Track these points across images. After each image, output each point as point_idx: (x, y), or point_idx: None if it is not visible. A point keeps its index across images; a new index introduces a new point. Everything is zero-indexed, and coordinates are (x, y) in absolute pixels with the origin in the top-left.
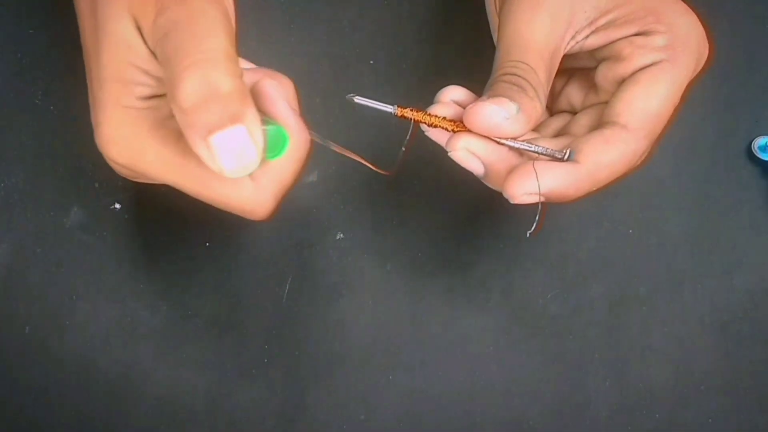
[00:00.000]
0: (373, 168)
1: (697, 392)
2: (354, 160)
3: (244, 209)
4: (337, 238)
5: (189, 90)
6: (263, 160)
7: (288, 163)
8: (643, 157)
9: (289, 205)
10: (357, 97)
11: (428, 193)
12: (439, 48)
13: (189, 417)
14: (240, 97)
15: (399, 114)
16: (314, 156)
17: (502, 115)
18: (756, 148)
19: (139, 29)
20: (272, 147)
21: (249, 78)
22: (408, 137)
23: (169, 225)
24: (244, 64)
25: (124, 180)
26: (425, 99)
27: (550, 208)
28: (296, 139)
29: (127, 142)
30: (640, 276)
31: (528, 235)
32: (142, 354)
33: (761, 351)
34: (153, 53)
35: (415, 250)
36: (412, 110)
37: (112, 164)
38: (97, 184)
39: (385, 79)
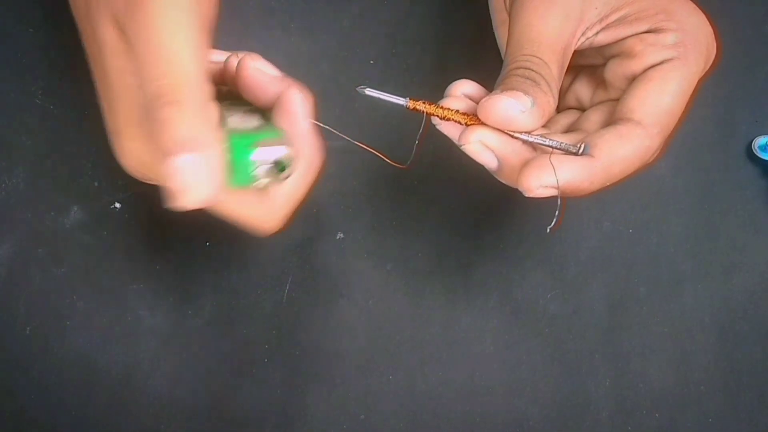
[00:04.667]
0: (390, 162)
1: (697, 392)
2: (355, 159)
3: (253, 224)
4: (337, 238)
5: (153, 128)
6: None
7: (301, 181)
8: (656, 153)
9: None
10: (368, 89)
11: (428, 193)
12: (439, 47)
13: (189, 417)
14: (200, 128)
15: (411, 107)
16: None
17: (517, 108)
18: (756, 148)
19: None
20: (282, 166)
21: (275, 87)
22: (421, 130)
23: (169, 225)
24: (266, 66)
25: (124, 180)
26: (426, 98)
27: (550, 208)
28: (311, 160)
29: (143, 155)
30: (640, 276)
31: (548, 230)
32: (143, 354)
33: (761, 351)
34: None
35: (415, 250)
36: (424, 103)
37: (129, 170)
38: (96, 184)
39: (386, 79)
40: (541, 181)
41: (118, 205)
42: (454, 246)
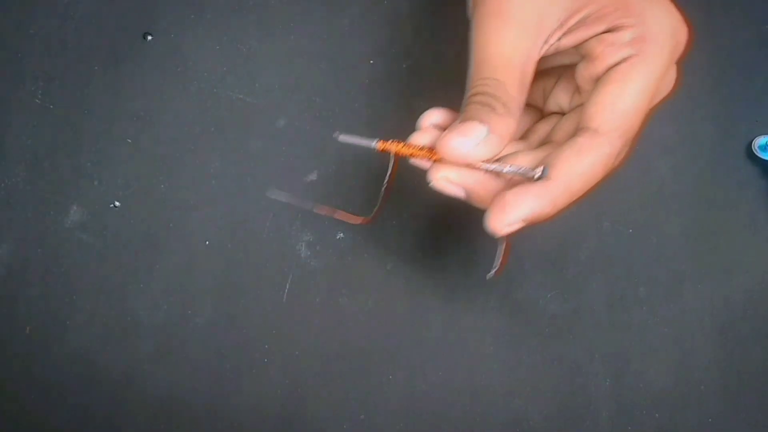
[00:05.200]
0: (350, 220)
1: (696, 392)
2: (354, 159)
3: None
4: (337, 238)
5: None
6: None
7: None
8: (621, 157)
9: (289, 204)
10: (341, 135)
11: (428, 193)
12: (438, 48)
13: (189, 417)
14: None
15: (380, 148)
16: (314, 156)
17: (469, 144)
18: (756, 147)
19: None
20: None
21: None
22: (387, 177)
23: (169, 224)
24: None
25: (124, 178)
26: (425, 98)
27: None
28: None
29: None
30: (640, 276)
31: (488, 277)
32: (142, 354)
33: (761, 351)
34: None
35: (415, 250)
36: (392, 143)
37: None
38: (96, 182)
39: (385, 79)
40: (504, 222)
41: (117, 203)
42: (454, 246)
